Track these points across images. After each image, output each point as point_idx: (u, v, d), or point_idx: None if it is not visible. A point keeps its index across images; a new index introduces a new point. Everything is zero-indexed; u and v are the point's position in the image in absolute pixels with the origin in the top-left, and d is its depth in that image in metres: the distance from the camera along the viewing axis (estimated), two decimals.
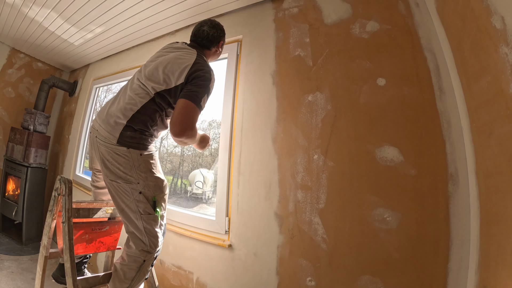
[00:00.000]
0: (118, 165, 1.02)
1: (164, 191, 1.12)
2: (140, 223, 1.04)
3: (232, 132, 1.55)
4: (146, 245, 1.04)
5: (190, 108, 0.96)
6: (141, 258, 1.04)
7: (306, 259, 1.17)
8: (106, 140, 1.02)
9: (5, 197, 2.73)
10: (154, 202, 1.07)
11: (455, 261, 0.91)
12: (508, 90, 0.63)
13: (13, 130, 2.78)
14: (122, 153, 1.02)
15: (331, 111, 1.24)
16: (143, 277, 1.08)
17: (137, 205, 1.03)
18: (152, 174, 1.07)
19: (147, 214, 1.05)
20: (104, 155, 1.04)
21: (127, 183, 1.02)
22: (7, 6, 2.06)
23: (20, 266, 2.08)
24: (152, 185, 1.07)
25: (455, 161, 0.97)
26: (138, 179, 1.03)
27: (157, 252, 1.10)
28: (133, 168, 1.03)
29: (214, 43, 1.23)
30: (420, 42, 1.11)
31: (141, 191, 1.04)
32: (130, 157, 1.02)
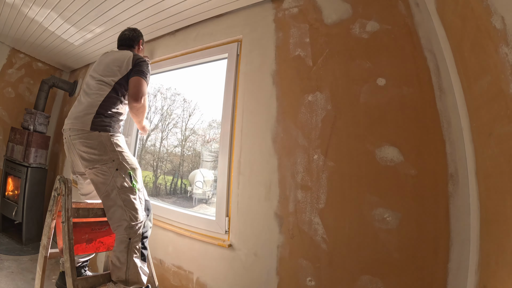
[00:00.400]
0: (93, 150, 1.16)
1: (137, 166, 1.26)
2: (119, 198, 1.14)
3: (232, 132, 1.55)
4: (127, 221, 1.12)
5: (141, 81, 1.27)
6: (126, 236, 1.11)
7: (306, 259, 1.17)
8: (79, 132, 1.17)
9: (5, 197, 2.73)
10: (130, 175, 1.19)
11: (455, 261, 0.91)
12: (508, 90, 0.63)
13: (13, 130, 2.78)
14: (95, 138, 1.17)
15: (331, 111, 1.24)
16: (138, 260, 1.12)
17: (115, 181, 1.15)
18: (123, 152, 1.23)
19: (124, 188, 1.15)
20: (80, 148, 1.17)
21: (104, 164, 1.15)
22: (7, 6, 2.06)
23: (20, 266, 2.07)
24: (125, 161, 1.21)
25: (455, 161, 0.97)
26: (112, 158, 1.18)
27: (142, 228, 1.17)
28: (106, 149, 1.17)
29: (135, 41, 1.54)
30: (420, 42, 1.11)
31: (117, 168, 1.17)
32: (102, 140, 1.18)
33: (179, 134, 9.42)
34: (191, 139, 9.39)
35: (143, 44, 1.61)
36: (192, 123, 9.30)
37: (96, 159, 1.15)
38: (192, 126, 9.23)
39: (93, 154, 1.15)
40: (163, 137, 9.35)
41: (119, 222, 1.12)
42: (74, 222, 1.10)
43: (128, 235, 1.11)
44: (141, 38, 1.57)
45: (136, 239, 1.13)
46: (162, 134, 9.22)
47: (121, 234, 1.11)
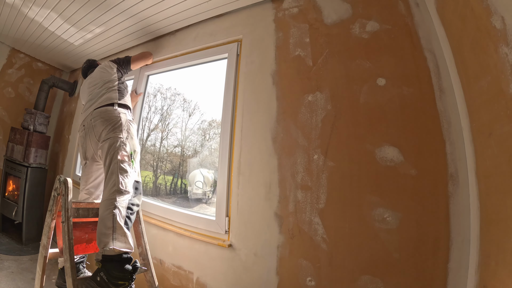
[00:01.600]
0: (111, 126, 1.38)
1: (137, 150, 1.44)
2: (117, 166, 1.26)
3: (232, 132, 1.55)
4: (117, 186, 1.20)
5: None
6: (113, 199, 1.16)
7: (306, 259, 1.17)
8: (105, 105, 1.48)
9: (5, 197, 2.73)
10: (131, 154, 1.37)
11: (455, 261, 0.91)
12: (508, 90, 0.63)
13: (13, 130, 2.77)
14: (117, 114, 1.44)
15: (331, 111, 1.24)
16: (123, 225, 1.13)
17: (118, 153, 1.30)
18: (132, 137, 1.43)
19: (124, 159, 1.31)
20: (99, 128, 1.39)
21: (114, 137, 1.34)
22: (7, 6, 2.06)
23: (20, 266, 2.07)
24: (131, 143, 1.41)
25: (455, 161, 0.97)
26: (122, 134, 1.38)
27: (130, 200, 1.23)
28: (121, 127, 1.40)
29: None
30: (420, 42, 1.11)
31: (123, 142, 1.35)
32: (120, 118, 1.43)
33: (179, 134, 9.41)
34: (191, 139, 9.37)
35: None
36: (192, 123, 9.28)
37: (110, 130, 1.37)
38: (192, 126, 9.22)
39: (110, 126, 1.39)
40: (163, 137, 9.34)
41: (111, 186, 1.21)
42: (74, 222, 1.11)
43: (115, 198, 1.16)
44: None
45: (122, 204, 1.17)
46: (162, 134, 9.21)
47: (108, 197, 1.17)
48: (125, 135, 1.38)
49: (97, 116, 1.43)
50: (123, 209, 1.17)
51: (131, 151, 1.37)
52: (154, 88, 8.71)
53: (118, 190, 1.19)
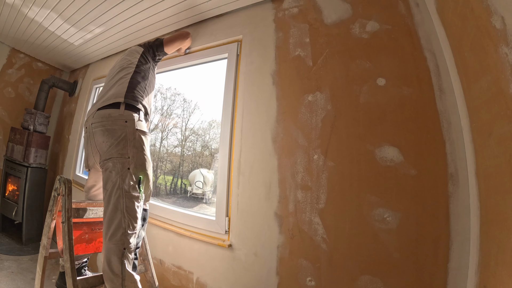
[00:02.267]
0: (113, 140, 1.09)
1: (149, 172, 1.17)
2: (122, 201, 1.05)
3: (232, 132, 1.55)
4: (124, 228, 1.03)
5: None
6: (121, 245, 1.02)
7: (306, 259, 1.17)
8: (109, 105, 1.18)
9: (5, 197, 2.73)
10: (139, 180, 1.10)
11: (455, 261, 0.91)
12: (508, 90, 0.63)
13: (13, 130, 2.77)
14: (121, 122, 1.12)
15: (331, 111, 1.24)
16: (131, 270, 1.04)
17: (123, 181, 1.06)
18: (143, 151, 1.15)
19: (130, 192, 1.07)
20: (99, 138, 1.13)
21: (118, 158, 1.08)
22: (7, 6, 2.06)
23: (20, 266, 2.07)
24: (140, 163, 1.12)
25: (455, 161, 0.97)
26: (129, 154, 1.09)
27: (137, 238, 1.09)
28: (127, 142, 1.10)
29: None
30: (420, 42, 1.11)
31: (129, 167, 1.08)
32: (125, 130, 1.11)
33: (179, 134, 9.41)
34: (191, 139, 9.37)
35: None
36: (192, 123, 9.28)
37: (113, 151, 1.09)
38: (192, 126, 9.22)
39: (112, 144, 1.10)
40: (163, 137, 9.35)
41: (116, 227, 1.03)
42: (74, 222, 1.10)
43: (123, 244, 1.03)
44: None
45: (130, 249, 1.05)
46: (162, 134, 9.22)
47: (115, 242, 1.02)
48: (132, 152, 1.10)
49: (98, 122, 1.16)
50: (132, 253, 1.05)
51: (140, 175, 1.11)
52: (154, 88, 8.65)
53: (125, 233, 1.03)
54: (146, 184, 1.14)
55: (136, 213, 1.07)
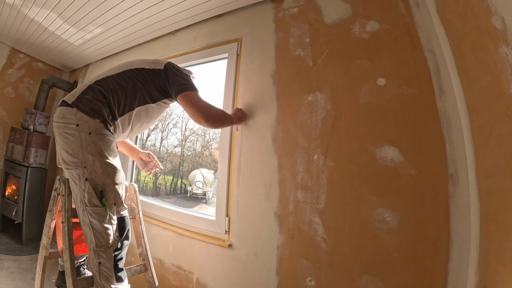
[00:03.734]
0: (67, 146, 0.95)
1: (115, 180, 1.01)
2: (86, 216, 0.94)
3: (232, 132, 1.55)
4: (94, 243, 0.95)
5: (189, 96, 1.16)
6: (96, 260, 0.96)
7: (306, 259, 1.17)
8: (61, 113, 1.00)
9: (5, 197, 2.73)
10: (100, 192, 0.96)
11: (455, 261, 0.91)
12: (508, 90, 0.63)
13: (13, 130, 2.77)
14: (70, 131, 0.96)
15: (331, 111, 1.24)
16: (112, 282, 0.97)
17: (83, 195, 0.94)
18: (100, 158, 0.97)
19: (93, 206, 0.95)
20: (58, 140, 1.00)
21: (75, 168, 0.94)
22: (7, 6, 2.06)
23: (20, 266, 2.07)
24: (100, 171, 0.97)
25: (455, 161, 0.97)
26: (84, 163, 0.94)
27: (115, 251, 0.99)
28: (80, 149, 0.94)
29: None
30: (420, 42, 1.10)
31: (87, 178, 0.94)
32: (78, 136, 0.95)
33: (179, 134, 9.41)
34: (191, 139, 9.37)
35: None
36: (192, 123, 9.27)
37: (68, 159, 0.96)
38: (192, 126, 9.21)
39: (66, 151, 0.97)
40: (163, 137, 9.34)
41: (88, 241, 0.97)
42: (74, 222, 1.08)
43: (98, 258, 0.95)
44: None
45: (107, 264, 0.96)
46: (162, 134, 9.22)
47: (91, 256, 0.97)
48: (88, 161, 0.95)
49: (55, 121, 1.01)
50: (109, 268, 0.97)
51: (99, 186, 0.96)
52: None
53: (96, 249, 0.95)
54: (112, 194, 1.01)
55: (106, 229, 0.97)
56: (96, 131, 0.98)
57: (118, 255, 1.00)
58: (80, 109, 0.97)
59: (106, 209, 0.97)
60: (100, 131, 0.99)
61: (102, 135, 1.00)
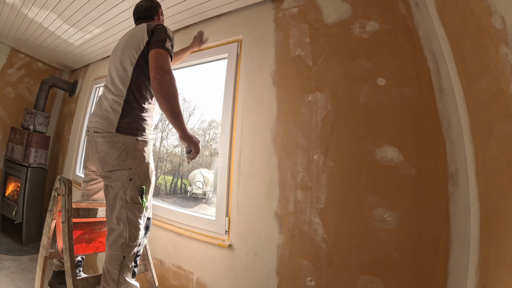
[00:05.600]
0: (114, 152, 1.05)
1: (152, 181, 1.15)
2: (124, 212, 1.04)
3: (232, 132, 1.55)
4: (125, 238, 1.03)
5: (159, 52, 1.08)
6: (121, 254, 1.02)
7: (306, 259, 1.17)
8: (105, 131, 1.08)
9: (5, 197, 2.73)
10: (142, 191, 1.08)
11: (455, 261, 0.91)
12: (508, 90, 0.63)
13: (13, 130, 2.77)
14: (119, 140, 1.06)
15: (331, 111, 1.24)
16: (129, 278, 1.05)
17: (125, 193, 1.04)
18: (144, 161, 1.11)
19: (133, 203, 1.05)
20: (101, 148, 1.08)
21: (120, 170, 1.05)
22: (7, 6, 2.06)
23: (20, 266, 2.07)
24: (142, 173, 1.10)
25: (455, 161, 0.97)
26: (130, 165, 1.06)
27: (138, 246, 1.08)
28: (128, 154, 1.07)
29: (154, 12, 1.36)
30: (420, 42, 1.11)
31: (131, 178, 1.06)
32: (125, 143, 1.07)
33: None
34: None
35: (163, 14, 1.44)
36: (192, 123, 9.29)
37: (114, 163, 1.05)
38: (192, 126, 9.22)
39: (112, 156, 1.06)
40: (163, 137, 9.35)
41: (117, 237, 1.03)
42: (74, 222, 1.10)
43: (123, 253, 1.02)
44: (159, 8, 1.40)
45: (130, 258, 1.04)
46: (162, 134, 9.22)
47: (115, 250, 1.02)
48: (134, 163, 1.07)
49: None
50: (131, 261, 1.05)
51: (143, 185, 1.08)
52: None
53: (125, 243, 1.03)
54: (148, 193, 1.12)
55: (139, 224, 1.06)
56: (141, 138, 1.12)
57: (139, 252, 1.09)
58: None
59: (143, 207, 1.08)
60: (144, 138, 1.13)
61: (146, 141, 1.14)
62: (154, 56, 1.07)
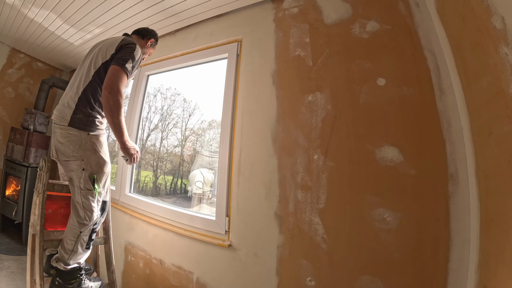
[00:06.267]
0: (70, 144, 1.17)
1: (104, 170, 1.26)
2: (79, 197, 1.18)
3: (232, 132, 1.55)
4: (81, 218, 1.19)
5: (116, 70, 1.15)
6: (78, 229, 1.19)
7: (306, 259, 1.17)
8: (61, 123, 1.19)
9: (5, 197, 2.73)
10: (94, 179, 1.21)
11: (455, 261, 0.91)
12: (508, 90, 0.63)
13: (13, 130, 2.77)
14: (73, 134, 1.18)
15: (331, 111, 1.24)
16: (81, 249, 1.21)
17: (79, 181, 1.18)
18: (95, 153, 1.22)
19: (86, 190, 1.19)
20: (59, 139, 1.19)
21: (74, 161, 1.18)
22: (7, 6, 2.06)
23: (20, 266, 2.07)
24: (94, 163, 1.21)
25: (455, 161, 0.97)
26: (83, 157, 1.19)
27: (94, 225, 1.24)
28: (80, 147, 1.18)
29: (148, 35, 1.50)
30: (420, 42, 1.11)
31: (84, 168, 1.18)
32: (79, 137, 1.18)
33: (179, 134, 9.40)
34: (191, 139, 9.37)
35: (154, 44, 1.56)
36: (192, 123, 9.27)
37: (69, 153, 1.17)
38: (192, 126, 9.20)
39: (68, 148, 1.17)
40: (163, 137, 9.33)
41: (76, 215, 1.19)
42: (51, 195, 1.29)
43: (80, 228, 1.19)
44: (154, 38, 1.54)
45: (86, 233, 1.21)
46: (162, 134, 9.21)
47: (74, 226, 1.19)
48: (86, 155, 1.19)
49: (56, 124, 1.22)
50: (86, 236, 1.22)
51: (94, 174, 1.21)
52: (154, 88, 8.70)
53: (82, 222, 1.19)
54: (101, 181, 1.25)
55: (92, 207, 1.21)
56: (93, 133, 1.23)
57: (95, 229, 1.26)
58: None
59: (96, 193, 1.22)
60: (95, 132, 1.23)
61: (97, 135, 1.24)
62: (110, 72, 1.15)
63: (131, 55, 1.20)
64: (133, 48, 1.23)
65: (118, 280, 1.94)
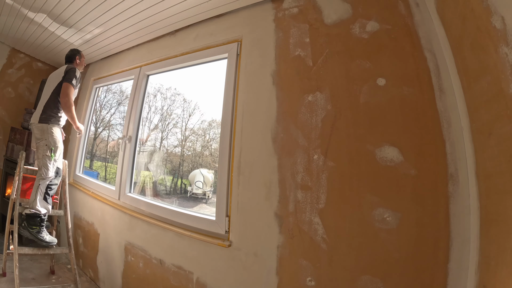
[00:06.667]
0: (39, 132, 1.97)
1: (58, 146, 1.99)
2: (42, 160, 1.91)
3: (232, 132, 1.55)
4: (40, 174, 1.90)
5: (66, 85, 1.98)
6: (37, 182, 1.89)
7: (306, 259, 1.17)
8: (35, 122, 1.99)
9: (5, 197, 2.73)
10: (51, 150, 1.94)
11: (455, 261, 0.91)
12: (508, 90, 0.63)
13: (13, 130, 2.78)
14: (41, 126, 1.96)
15: (331, 111, 1.24)
16: (40, 197, 1.88)
17: (43, 149, 1.93)
18: (52, 135, 1.97)
19: (46, 156, 1.92)
20: (35, 131, 2.00)
21: (41, 140, 1.95)
22: (7, 6, 2.06)
23: (20, 266, 2.07)
24: (52, 141, 1.95)
25: (455, 161, 0.97)
26: (46, 137, 1.95)
27: (50, 182, 1.95)
28: (44, 132, 1.96)
29: (73, 58, 2.21)
30: (420, 42, 1.10)
31: (46, 144, 1.93)
32: (44, 127, 1.96)
33: (179, 134, 9.39)
34: (191, 139, 9.36)
35: (80, 58, 2.26)
36: (192, 123, 9.26)
37: (40, 137, 1.96)
38: (192, 126, 9.20)
39: (39, 134, 1.96)
40: (163, 137, 9.33)
41: (39, 172, 1.91)
42: (26, 177, 2.07)
43: (38, 181, 1.89)
44: (77, 55, 2.22)
45: (43, 185, 1.90)
46: (162, 134, 9.21)
47: (36, 180, 1.90)
48: (48, 137, 1.95)
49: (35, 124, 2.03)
50: (43, 187, 1.91)
51: (51, 147, 1.93)
52: (154, 88, 8.69)
53: (41, 177, 1.89)
54: (56, 152, 1.96)
55: (48, 166, 1.92)
56: (51, 125, 2.00)
57: (51, 185, 1.98)
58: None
59: (52, 158, 1.94)
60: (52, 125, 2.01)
61: (53, 126, 2.00)
62: (63, 86, 1.97)
63: (73, 74, 2.01)
64: (74, 71, 2.03)
65: (118, 280, 1.94)
